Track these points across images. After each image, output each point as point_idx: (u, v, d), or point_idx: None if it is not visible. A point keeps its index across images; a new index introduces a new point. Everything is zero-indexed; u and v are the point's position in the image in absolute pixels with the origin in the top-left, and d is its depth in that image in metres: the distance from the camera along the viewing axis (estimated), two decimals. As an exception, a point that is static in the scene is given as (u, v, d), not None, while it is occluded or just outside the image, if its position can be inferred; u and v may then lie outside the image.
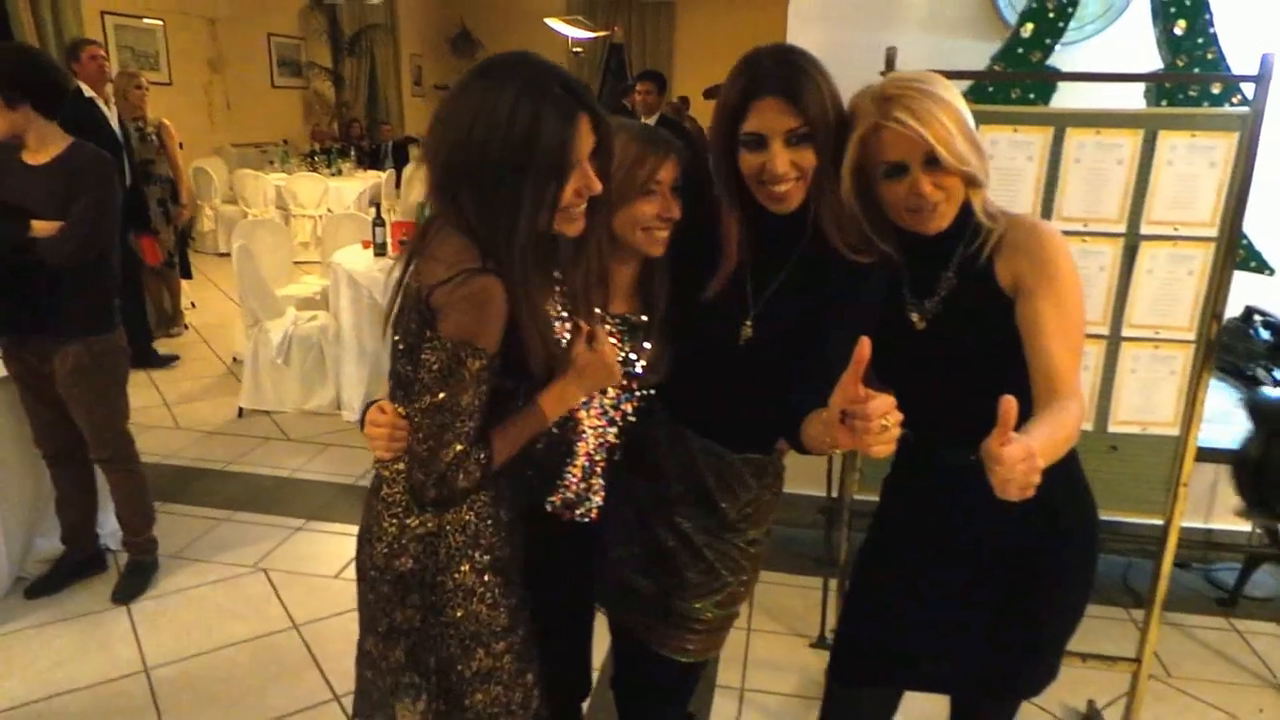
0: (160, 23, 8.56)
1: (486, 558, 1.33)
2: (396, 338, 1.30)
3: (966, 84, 2.46)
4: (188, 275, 5.74)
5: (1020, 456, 0.98)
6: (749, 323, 1.41)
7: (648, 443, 1.53)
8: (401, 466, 1.31)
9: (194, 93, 9.05)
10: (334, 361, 4.37)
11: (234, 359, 5.16)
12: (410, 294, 1.25)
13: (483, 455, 1.25)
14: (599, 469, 1.53)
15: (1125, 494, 2.01)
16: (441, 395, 1.20)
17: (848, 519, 2.22)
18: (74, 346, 2.54)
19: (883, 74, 1.91)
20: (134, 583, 2.85)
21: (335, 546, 3.18)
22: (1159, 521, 2.06)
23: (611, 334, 1.46)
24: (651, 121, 5.46)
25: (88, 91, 4.69)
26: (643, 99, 5.43)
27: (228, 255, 8.23)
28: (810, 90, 1.28)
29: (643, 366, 1.48)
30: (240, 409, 4.40)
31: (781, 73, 1.29)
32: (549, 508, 1.53)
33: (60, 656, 2.54)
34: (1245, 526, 3.14)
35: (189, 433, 4.17)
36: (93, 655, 2.55)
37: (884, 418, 1.02)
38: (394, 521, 1.31)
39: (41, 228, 2.41)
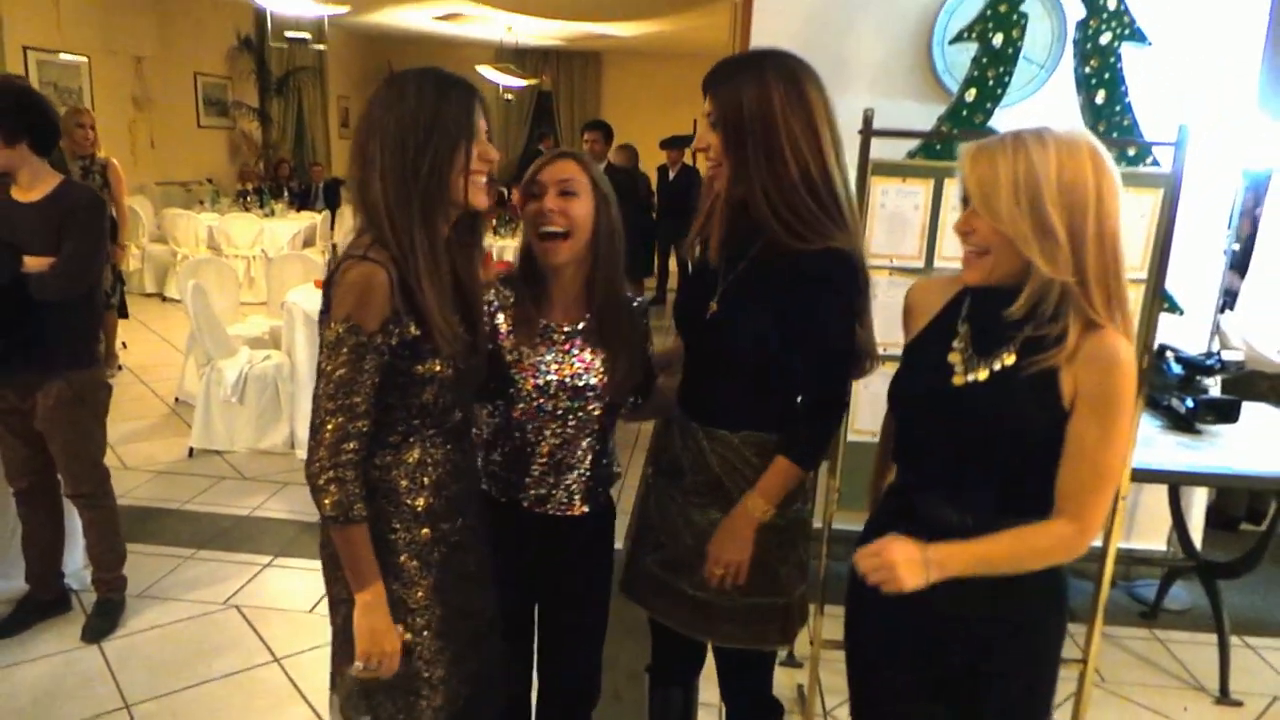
0: (85, 59, 8.39)
1: (401, 541, 1.45)
2: None
3: (916, 143, 2.73)
4: (124, 315, 5.61)
5: (869, 553, 1.25)
6: (714, 302, 1.59)
7: (667, 443, 1.69)
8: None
9: (118, 130, 8.85)
10: (289, 400, 4.36)
11: (176, 400, 5.07)
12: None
13: (354, 489, 1.35)
14: (567, 466, 1.66)
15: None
16: (328, 368, 1.33)
17: (826, 539, 2.40)
18: (57, 381, 2.53)
19: (860, 133, 2.14)
20: (105, 621, 2.80)
21: (307, 582, 3.18)
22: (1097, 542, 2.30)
23: (555, 343, 1.62)
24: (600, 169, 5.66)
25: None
26: (590, 147, 5.64)
27: (155, 295, 8.09)
28: (722, 86, 1.51)
29: (596, 378, 1.62)
30: (191, 449, 4.33)
31: (712, 71, 1.54)
32: (525, 503, 1.67)
33: (36, 695, 2.49)
34: (1161, 545, 3.46)
35: (138, 473, 4.09)
36: (71, 694, 2.50)
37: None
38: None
39: (33, 263, 2.42)
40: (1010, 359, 1.28)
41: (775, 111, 1.46)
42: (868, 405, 2.23)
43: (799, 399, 1.60)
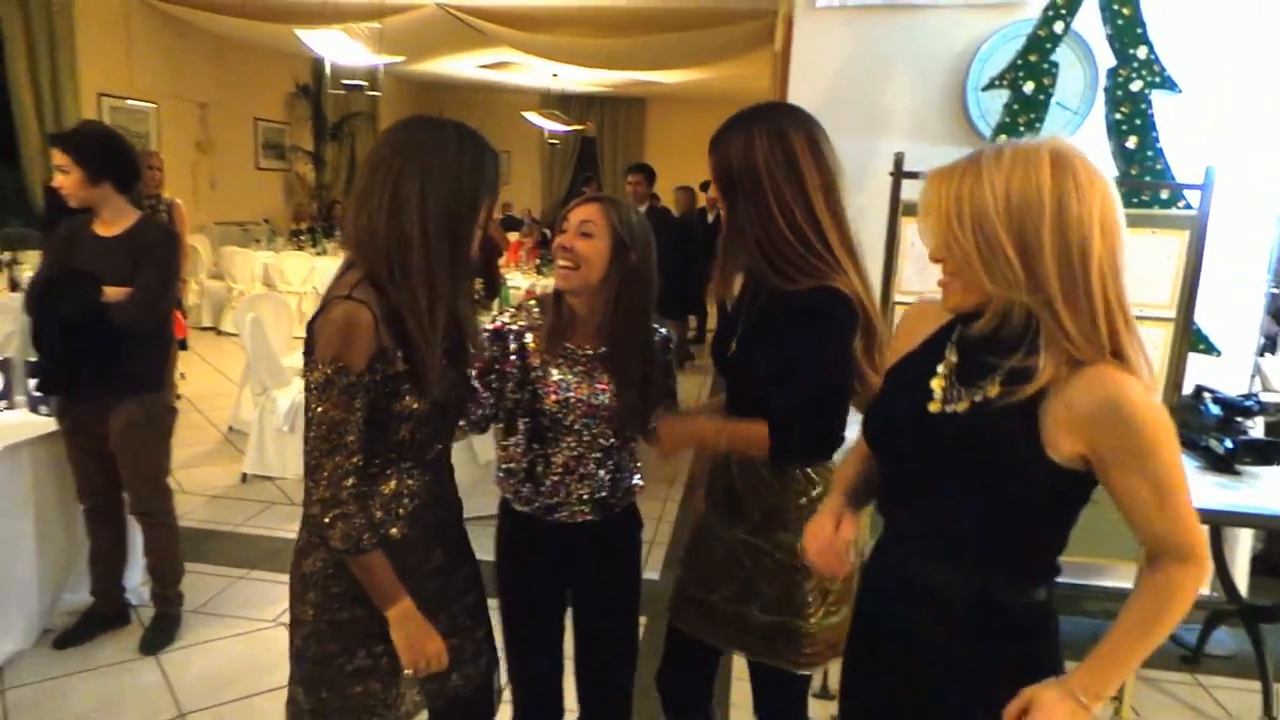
0: (154, 106, 8.82)
1: None
2: None
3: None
4: (184, 347, 5.85)
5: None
6: (734, 342, 1.74)
7: (703, 461, 1.79)
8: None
9: (181, 172, 9.26)
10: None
11: (230, 428, 5.25)
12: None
13: (359, 520, 1.41)
14: (578, 478, 1.76)
15: (1107, 542, 2.27)
16: (319, 410, 1.38)
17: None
18: (130, 404, 2.69)
19: (891, 174, 2.23)
20: (162, 635, 2.92)
21: (352, 604, 3.28)
22: (1134, 567, 2.32)
23: (577, 363, 1.75)
24: (641, 210, 5.82)
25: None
26: (633, 189, 5.80)
27: (211, 329, 8.39)
28: (716, 144, 1.65)
29: (611, 401, 1.73)
30: (244, 474, 4.49)
31: (717, 130, 1.67)
32: (539, 512, 1.78)
33: (97, 703, 2.61)
34: (1204, 588, 3.42)
35: (195, 496, 4.25)
36: (129, 703, 2.62)
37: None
38: (305, 529, 1.53)
39: (113, 293, 2.59)
40: (994, 390, 1.19)
41: (759, 166, 1.58)
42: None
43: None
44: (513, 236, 8.90)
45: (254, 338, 4.44)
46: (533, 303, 1.82)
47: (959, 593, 1.25)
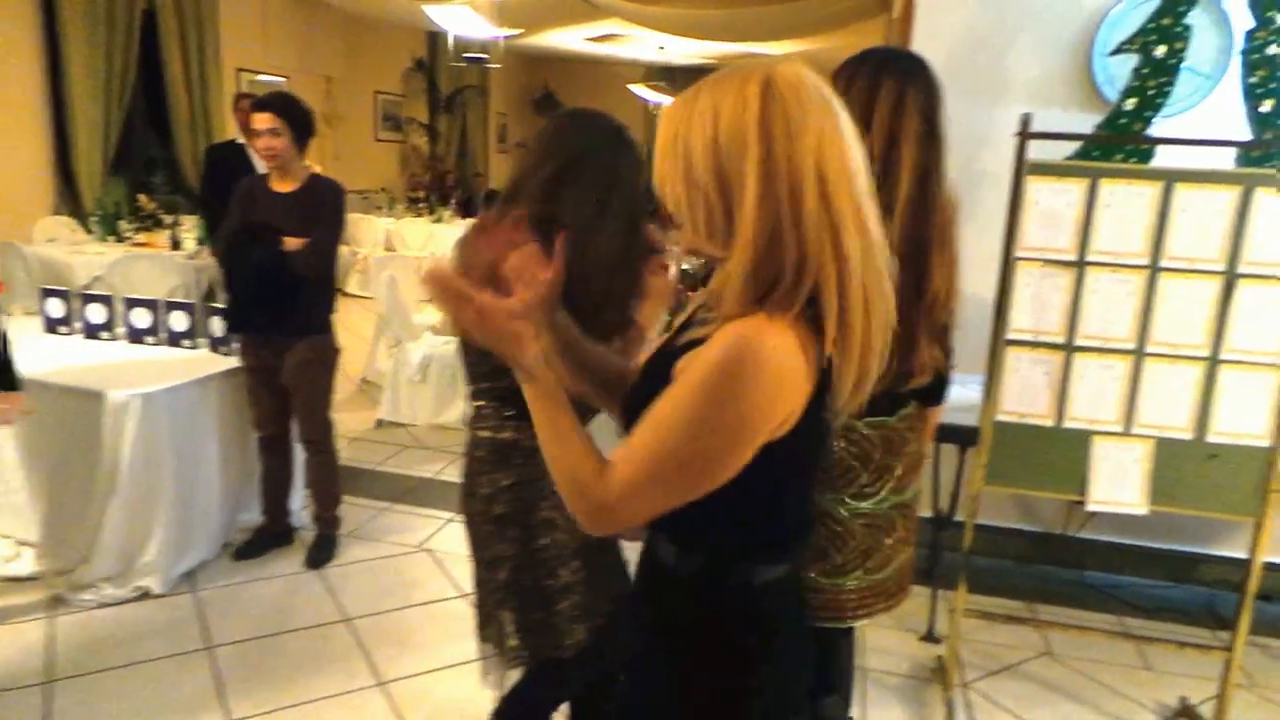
0: (285, 80, 9.36)
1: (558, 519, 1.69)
2: None
3: (1074, 146, 2.86)
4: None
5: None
6: None
7: None
8: (486, 433, 1.69)
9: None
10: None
11: (363, 379, 5.66)
12: None
13: None
14: None
15: (1222, 498, 2.33)
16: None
17: (972, 513, 2.56)
18: (302, 344, 3.02)
19: (1017, 135, 2.32)
20: (323, 552, 3.27)
21: (485, 537, 3.58)
22: (1248, 519, 2.37)
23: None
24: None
25: (240, 138, 5.34)
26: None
27: (337, 291, 8.91)
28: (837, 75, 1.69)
29: None
30: (379, 420, 4.87)
31: None
32: None
33: (272, 606, 2.97)
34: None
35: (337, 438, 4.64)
36: (300, 607, 2.97)
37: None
38: (485, 479, 1.72)
39: (291, 244, 2.90)
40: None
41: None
42: (1015, 388, 2.39)
43: None
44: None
45: (389, 295, 4.79)
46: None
47: (646, 553, 1.21)
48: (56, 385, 2.91)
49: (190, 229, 6.09)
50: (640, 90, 12.22)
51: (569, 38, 11.26)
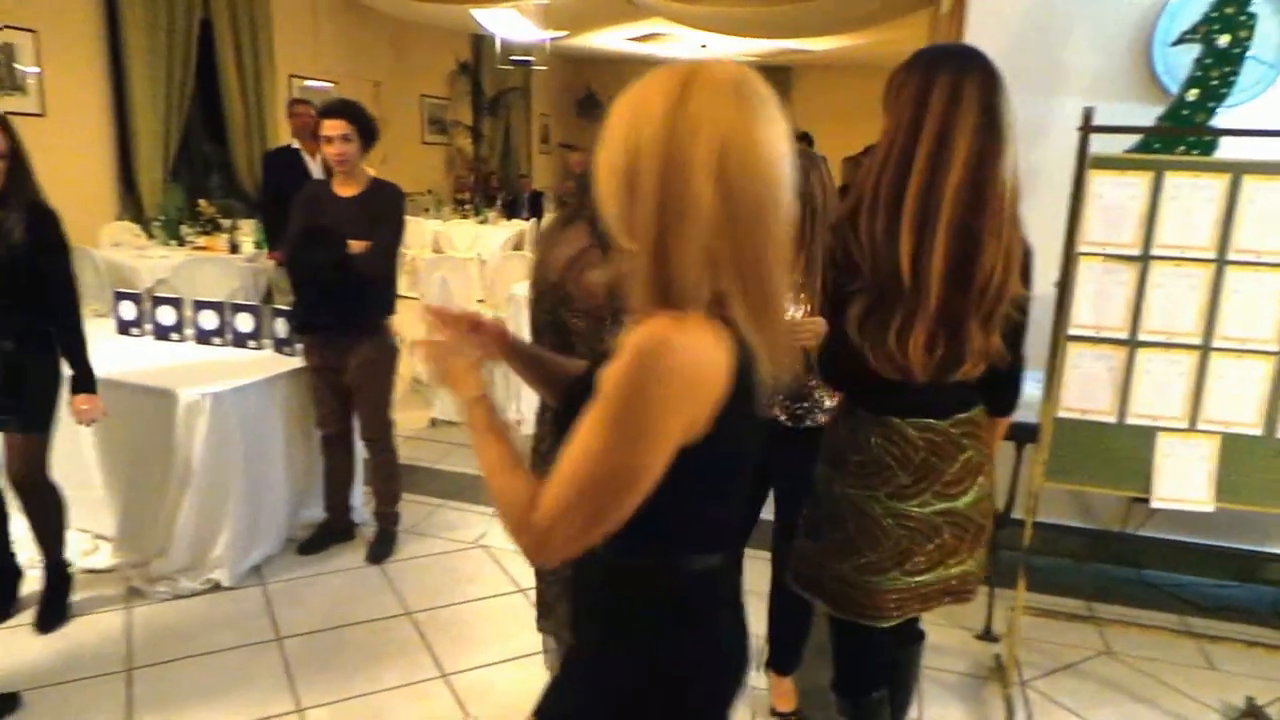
0: (334, 85, 9.55)
1: None
2: (537, 317, 1.77)
3: (1134, 143, 2.82)
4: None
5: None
6: None
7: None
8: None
9: (358, 147, 10.00)
10: (516, 381, 4.89)
11: (415, 379, 5.76)
12: (544, 284, 1.74)
13: None
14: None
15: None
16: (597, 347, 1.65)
17: (1030, 515, 2.54)
18: (366, 344, 3.10)
19: (1080, 129, 2.30)
20: (384, 547, 3.35)
21: (540, 533, 3.64)
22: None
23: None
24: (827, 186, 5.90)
25: (294, 143, 5.47)
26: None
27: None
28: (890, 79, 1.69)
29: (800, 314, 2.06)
30: (433, 419, 4.96)
31: None
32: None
33: (336, 599, 3.05)
34: None
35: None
36: (362, 600, 3.05)
37: None
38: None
39: (355, 246, 2.98)
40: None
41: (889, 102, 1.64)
42: (1077, 383, 2.37)
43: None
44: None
45: (442, 296, 4.87)
46: None
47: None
48: (131, 385, 3.03)
49: (248, 233, 6.25)
50: (682, 89, 12.24)
51: (612, 38, 11.33)
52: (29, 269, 2.49)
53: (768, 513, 2.43)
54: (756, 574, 2.59)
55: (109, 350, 3.29)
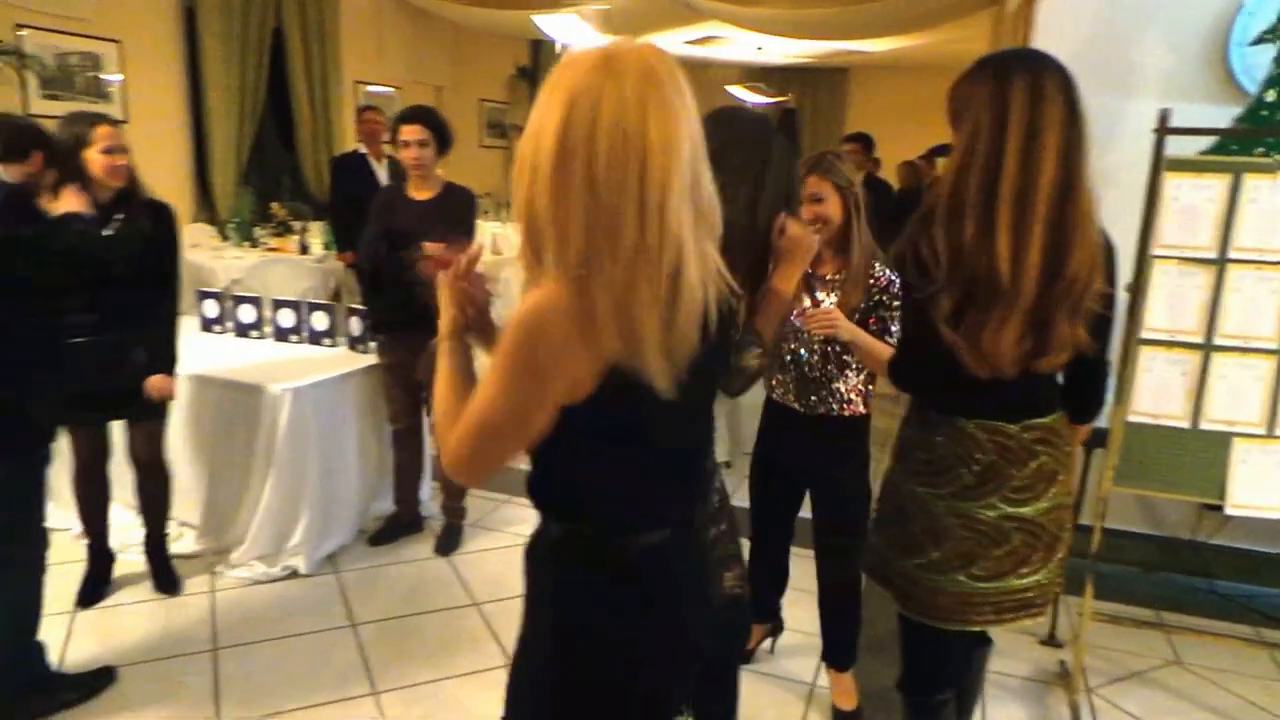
0: (397, 90, 9.77)
1: None
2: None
3: (1209, 143, 2.77)
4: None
5: None
6: None
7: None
8: None
9: (419, 150, 10.22)
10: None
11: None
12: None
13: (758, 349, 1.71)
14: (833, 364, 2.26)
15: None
16: None
17: (1099, 521, 2.52)
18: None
19: (1155, 131, 2.28)
20: (451, 540, 3.45)
21: (601, 529, 3.71)
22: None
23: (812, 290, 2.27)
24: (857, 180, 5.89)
25: (362, 148, 5.62)
26: (848, 158, 5.89)
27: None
28: (956, 85, 1.71)
29: (830, 303, 2.24)
30: (495, 417, 5.07)
31: None
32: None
33: (407, 589, 3.15)
34: None
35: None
36: (433, 590, 3.15)
37: None
38: None
39: (431, 248, 3.07)
40: None
41: (967, 105, 1.66)
42: (1149, 387, 2.35)
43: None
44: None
45: (506, 295, 4.98)
46: None
47: (536, 532, 1.38)
48: (219, 379, 3.17)
49: (317, 235, 6.44)
50: (738, 91, 12.25)
51: (669, 41, 11.36)
52: (156, 259, 2.72)
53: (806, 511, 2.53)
54: (802, 572, 2.65)
55: (196, 346, 3.44)
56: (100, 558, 3.00)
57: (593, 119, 1.01)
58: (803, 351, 2.30)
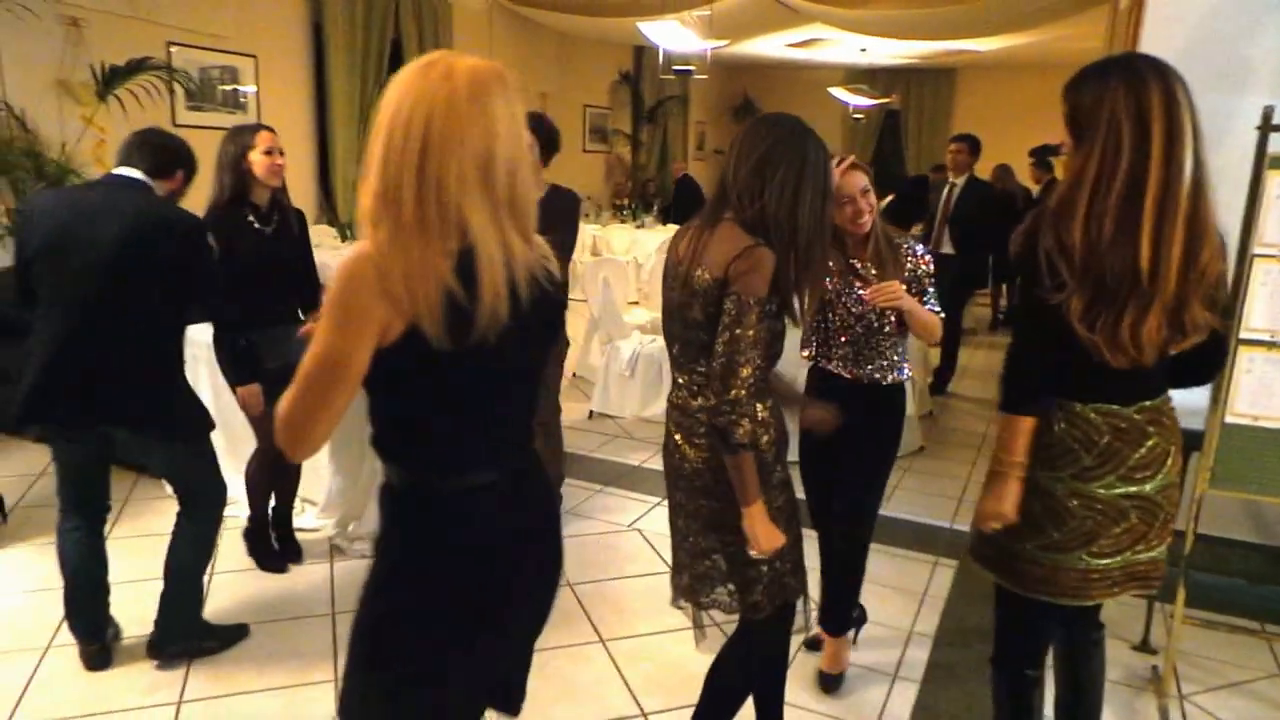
0: (505, 97, 10.13)
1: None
2: (692, 315, 1.84)
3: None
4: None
5: None
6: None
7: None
8: (699, 401, 1.88)
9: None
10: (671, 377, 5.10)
11: (574, 374, 6.10)
12: (701, 283, 1.79)
13: (761, 414, 1.79)
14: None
15: None
16: (739, 331, 1.72)
17: (1195, 517, 2.48)
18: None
19: (1259, 128, 2.25)
20: (548, 524, 3.63)
21: (691, 520, 3.82)
22: None
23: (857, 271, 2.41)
24: (960, 181, 5.82)
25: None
26: (953, 157, 5.83)
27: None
28: (1074, 87, 1.71)
29: (864, 293, 2.33)
30: (591, 411, 5.25)
31: None
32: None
33: (507, 567, 3.34)
34: None
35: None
36: (530, 570, 3.33)
37: None
38: (694, 444, 1.92)
39: (531, 247, 3.27)
40: None
41: (1100, 111, 1.68)
42: (1249, 389, 2.31)
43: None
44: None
45: (604, 295, 5.15)
46: None
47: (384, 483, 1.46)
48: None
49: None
50: (840, 93, 12.15)
51: (771, 45, 11.40)
52: (303, 258, 3.07)
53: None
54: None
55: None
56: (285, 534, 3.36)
57: (406, 113, 1.21)
58: (859, 326, 2.41)
